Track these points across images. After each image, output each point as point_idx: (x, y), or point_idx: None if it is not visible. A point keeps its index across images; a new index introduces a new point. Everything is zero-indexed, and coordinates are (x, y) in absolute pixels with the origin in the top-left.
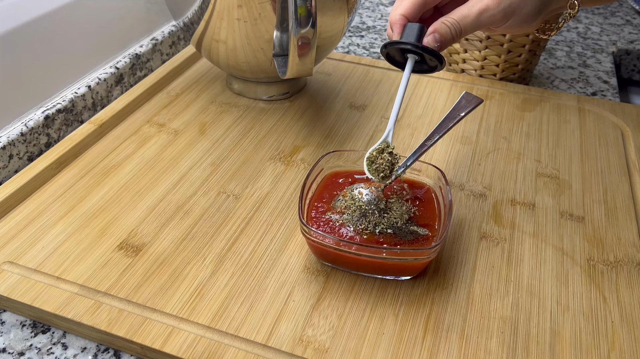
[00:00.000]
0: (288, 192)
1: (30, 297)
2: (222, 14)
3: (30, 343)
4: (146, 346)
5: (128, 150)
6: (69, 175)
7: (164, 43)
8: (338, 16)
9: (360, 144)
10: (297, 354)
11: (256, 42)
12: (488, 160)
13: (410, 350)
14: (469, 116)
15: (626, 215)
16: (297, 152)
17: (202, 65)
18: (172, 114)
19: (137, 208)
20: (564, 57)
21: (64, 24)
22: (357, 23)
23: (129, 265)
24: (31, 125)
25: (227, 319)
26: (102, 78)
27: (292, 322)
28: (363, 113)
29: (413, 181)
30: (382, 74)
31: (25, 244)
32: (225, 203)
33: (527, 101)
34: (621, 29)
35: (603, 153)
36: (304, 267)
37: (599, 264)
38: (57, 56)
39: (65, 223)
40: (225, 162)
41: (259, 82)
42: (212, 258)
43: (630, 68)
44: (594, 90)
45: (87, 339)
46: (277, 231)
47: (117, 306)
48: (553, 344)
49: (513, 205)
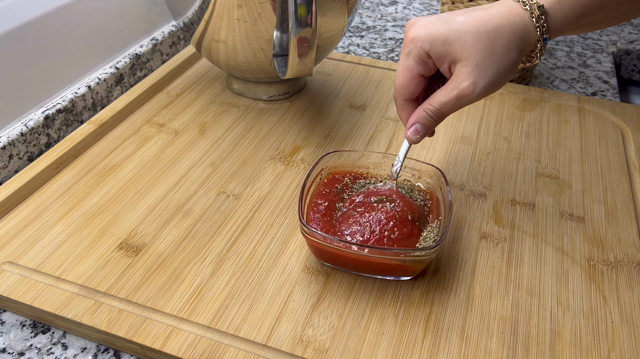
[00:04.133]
0: (288, 192)
1: (30, 297)
2: (222, 14)
3: (30, 343)
4: (146, 346)
5: (128, 150)
6: (69, 175)
7: (164, 43)
8: (338, 16)
9: (360, 144)
10: (297, 354)
11: (256, 42)
12: (488, 160)
13: (410, 350)
14: (469, 116)
15: (626, 215)
16: (297, 152)
17: (202, 65)
18: (172, 114)
19: (137, 208)
20: (564, 57)
21: (64, 24)
22: (357, 23)
23: (129, 265)
24: (31, 125)
25: (227, 319)
26: (102, 78)
27: (292, 322)
28: (363, 113)
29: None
30: (382, 74)
31: (25, 244)
32: (225, 203)
33: (527, 101)
34: (621, 29)
35: (603, 153)
36: (304, 267)
37: (599, 264)
38: (57, 56)
39: (65, 223)
40: (225, 162)
41: (259, 82)
42: (212, 258)
43: (630, 68)
44: (594, 90)
45: (87, 339)
46: (277, 231)
47: (117, 306)
48: (553, 344)
49: (513, 205)
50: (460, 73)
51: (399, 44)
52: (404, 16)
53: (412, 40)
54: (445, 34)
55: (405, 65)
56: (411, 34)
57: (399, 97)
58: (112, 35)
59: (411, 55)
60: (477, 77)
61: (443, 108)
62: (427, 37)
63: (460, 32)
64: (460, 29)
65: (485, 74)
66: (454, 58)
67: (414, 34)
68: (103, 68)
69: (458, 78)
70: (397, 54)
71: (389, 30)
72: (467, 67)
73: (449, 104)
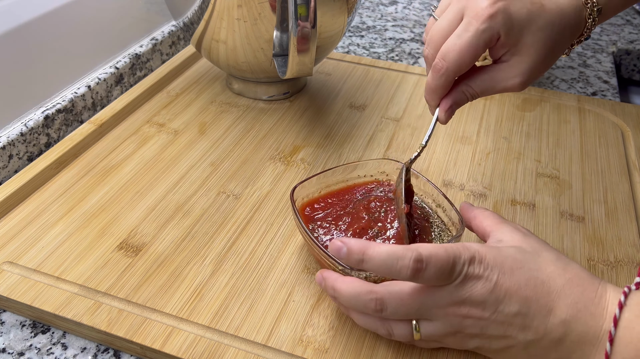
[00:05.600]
0: (288, 192)
1: (30, 297)
2: (222, 14)
3: (30, 343)
4: (146, 346)
5: (128, 150)
6: (69, 175)
7: (163, 43)
8: (338, 16)
9: (360, 144)
10: (297, 354)
11: (256, 42)
12: (488, 160)
13: (410, 350)
14: (469, 116)
15: (626, 215)
16: (297, 152)
17: (202, 65)
18: (172, 114)
19: (137, 208)
20: (564, 56)
21: (64, 24)
22: (357, 23)
23: (129, 265)
24: (31, 125)
25: (227, 319)
26: (102, 78)
27: (292, 322)
28: (363, 113)
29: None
30: (382, 74)
31: (25, 244)
32: (225, 203)
33: (527, 101)
34: (621, 29)
35: (603, 153)
36: (304, 267)
37: (599, 264)
38: (57, 56)
39: (65, 223)
40: (225, 162)
41: (259, 82)
42: (212, 258)
43: (630, 68)
44: (594, 90)
45: (87, 339)
46: (277, 231)
47: (117, 306)
48: None
49: (513, 205)
50: (515, 68)
51: (399, 43)
52: (404, 16)
53: (492, 17)
54: (525, 20)
55: (474, 44)
56: (492, 9)
57: (451, 75)
58: (112, 35)
59: (485, 34)
60: (529, 77)
61: (483, 93)
62: (508, 20)
63: (538, 23)
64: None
65: (537, 74)
66: (519, 49)
67: (495, 10)
68: (103, 68)
69: (511, 71)
70: (397, 54)
71: (389, 30)
72: (524, 64)
73: (490, 91)
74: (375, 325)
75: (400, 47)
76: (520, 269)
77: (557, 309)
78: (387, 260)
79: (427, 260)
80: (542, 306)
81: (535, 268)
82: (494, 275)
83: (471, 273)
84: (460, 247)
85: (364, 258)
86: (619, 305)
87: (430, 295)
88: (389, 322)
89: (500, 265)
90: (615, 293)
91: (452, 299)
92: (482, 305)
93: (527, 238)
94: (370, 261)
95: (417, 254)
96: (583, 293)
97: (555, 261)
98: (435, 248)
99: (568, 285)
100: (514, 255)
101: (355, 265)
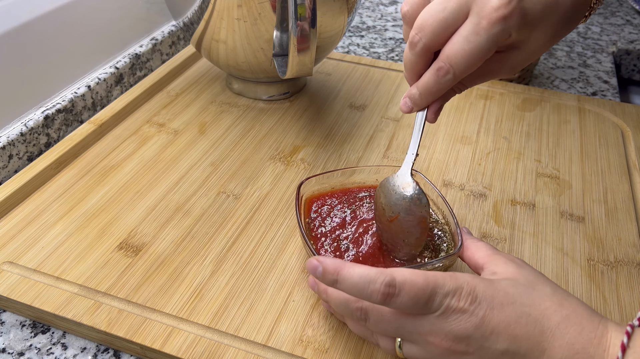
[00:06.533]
0: (288, 192)
1: (30, 297)
2: (222, 14)
3: (30, 343)
4: (146, 346)
5: (128, 150)
6: (69, 175)
7: (163, 43)
8: (338, 16)
9: (360, 144)
10: (297, 355)
11: (256, 42)
12: (488, 160)
13: None
14: (469, 116)
15: (626, 215)
16: (297, 152)
17: (202, 65)
18: (172, 114)
19: (137, 208)
20: (564, 56)
21: (64, 24)
22: (357, 23)
23: (129, 265)
24: (31, 125)
25: (227, 319)
26: (102, 78)
27: (292, 322)
28: (363, 113)
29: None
30: (382, 74)
31: (25, 244)
32: (225, 203)
33: (527, 101)
34: (621, 28)
35: (603, 153)
36: (304, 267)
37: (599, 264)
38: (57, 56)
39: (65, 223)
40: (225, 162)
41: (259, 82)
42: (212, 258)
43: (630, 68)
44: (594, 90)
45: (87, 339)
46: (277, 231)
47: (116, 306)
48: None
49: (513, 205)
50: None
51: (399, 43)
52: None
53: (506, 18)
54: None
55: (485, 50)
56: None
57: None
58: (112, 35)
59: (498, 37)
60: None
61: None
62: (522, 20)
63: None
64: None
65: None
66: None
67: (510, 10)
68: (103, 68)
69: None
70: (397, 54)
71: (389, 30)
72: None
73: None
74: (365, 333)
75: (400, 47)
76: (511, 304)
77: (551, 350)
78: (359, 283)
79: (401, 286)
80: (534, 346)
81: (528, 303)
82: (481, 310)
83: (454, 306)
84: (447, 277)
85: (337, 279)
86: (621, 347)
87: (411, 319)
88: (375, 334)
89: (490, 299)
90: (617, 333)
91: (433, 330)
92: (466, 340)
93: (521, 269)
94: (343, 282)
95: (390, 279)
96: (581, 333)
97: (551, 295)
98: (413, 275)
99: (564, 323)
100: (505, 288)
101: (330, 285)
